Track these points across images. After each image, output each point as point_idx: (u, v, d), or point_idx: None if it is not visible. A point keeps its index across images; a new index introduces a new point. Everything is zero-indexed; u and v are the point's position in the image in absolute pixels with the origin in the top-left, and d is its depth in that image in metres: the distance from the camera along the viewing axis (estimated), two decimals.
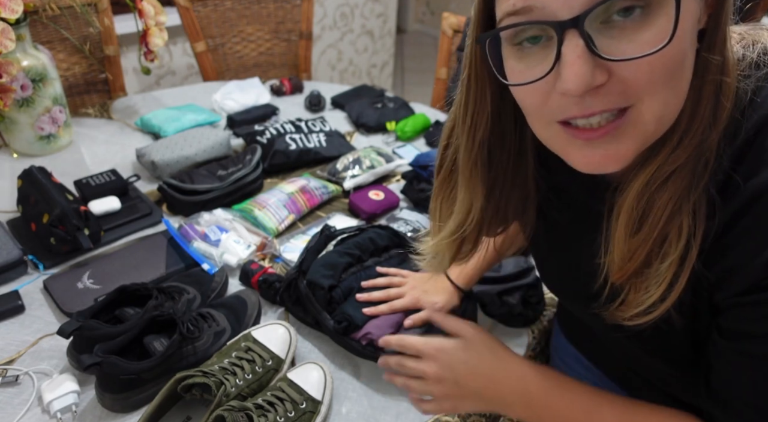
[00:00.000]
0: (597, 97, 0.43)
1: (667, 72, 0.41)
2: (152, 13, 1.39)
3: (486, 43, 0.47)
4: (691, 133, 0.45)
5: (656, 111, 0.43)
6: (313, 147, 1.35)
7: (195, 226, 1.07)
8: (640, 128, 0.44)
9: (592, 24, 0.41)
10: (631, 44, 0.41)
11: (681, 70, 0.43)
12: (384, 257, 0.95)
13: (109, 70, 1.68)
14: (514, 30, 0.45)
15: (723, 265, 0.46)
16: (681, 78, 0.43)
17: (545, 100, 0.46)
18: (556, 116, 0.46)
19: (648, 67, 0.41)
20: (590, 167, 0.47)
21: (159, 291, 0.85)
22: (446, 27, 1.75)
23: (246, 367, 0.74)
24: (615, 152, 0.45)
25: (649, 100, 0.43)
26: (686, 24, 0.41)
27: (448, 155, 0.61)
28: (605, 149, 0.45)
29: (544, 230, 0.67)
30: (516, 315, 0.92)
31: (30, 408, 0.75)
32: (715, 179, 0.45)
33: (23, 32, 1.18)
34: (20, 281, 0.96)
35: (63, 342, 0.79)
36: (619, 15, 0.40)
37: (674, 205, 0.45)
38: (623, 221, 0.48)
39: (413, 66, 4.32)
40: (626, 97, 0.43)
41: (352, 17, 3.13)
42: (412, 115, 1.55)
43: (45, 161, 1.29)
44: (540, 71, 0.44)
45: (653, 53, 0.40)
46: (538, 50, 0.44)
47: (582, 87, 0.41)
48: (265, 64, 2.05)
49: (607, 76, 0.42)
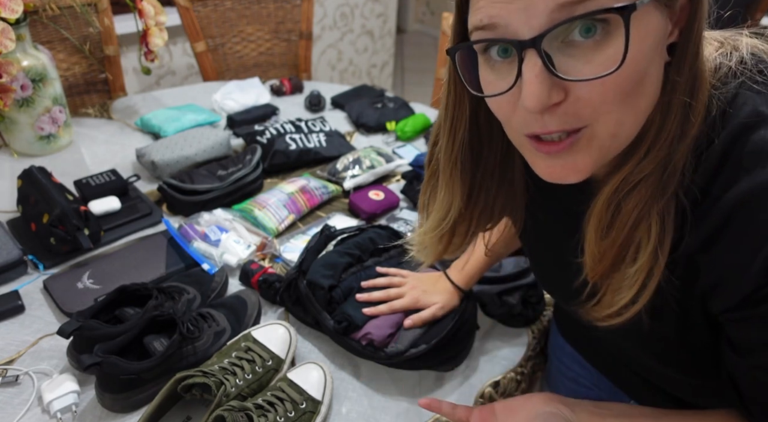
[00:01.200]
0: (554, 116, 0.44)
1: (621, 93, 0.42)
2: (152, 13, 1.39)
3: (455, 55, 0.48)
4: (657, 145, 0.46)
5: (610, 129, 0.45)
6: (313, 147, 1.35)
7: (195, 226, 1.07)
8: (595, 143, 0.46)
9: (552, 43, 0.42)
10: (587, 65, 0.42)
11: (638, 88, 0.43)
12: (384, 257, 0.95)
13: (109, 70, 1.68)
14: (483, 43, 0.46)
15: (712, 277, 0.47)
16: (639, 96, 0.44)
17: (513, 111, 0.47)
18: (522, 128, 0.48)
19: (601, 88, 0.42)
20: (553, 177, 0.49)
21: (159, 291, 0.85)
22: (446, 27, 1.75)
23: (246, 367, 0.74)
24: (573, 165, 0.47)
25: (603, 120, 0.44)
26: (644, 44, 0.42)
27: (435, 152, 0.63)
28: (565, 161, 0.47)
29: (533, 227, 0.69)
30: (516, 315, 0.92)
31: (30, 408, 0.75)
32: (688, 188, 0.46)
33: (23, 32, 1.18)
34: (20, 281, 0.96)
35: (63, 342, 0.79)
36: (579, 35, 0.41)
37: (640, 212, 0.47)
38: (593, 225, 0.50)
39: (413, 66, 4.32)
40: (580, 118, 0.44)
41: (352, 17, 3.13)
42: (412, 115, 1.55)
43: (45, 161, 1.29)
44: (506, 84, 0.45)
45: (607, 75, 0.41)
46: (508, 63, 0.45)
47: (539, 106, 0.42)
48: (265, 64, 2.05)
49: (564, 95, 0.43)
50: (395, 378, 0.83)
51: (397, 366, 0.81)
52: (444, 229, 0.64)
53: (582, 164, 0.47)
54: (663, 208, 0.46)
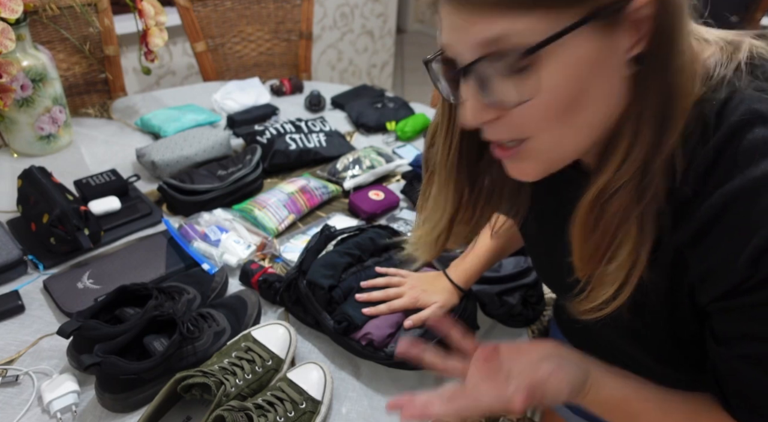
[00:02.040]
0: (495, 128, 0.49)
1: (553, 115, 0.46)
2: (152, 13, 1.39)
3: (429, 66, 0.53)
4: (632, 155, 0.47)
5: (550, 144, 0.49)
6: (313, 147, 1.35)
7: (195, 226, 1.07)
8: (538, 155, 0.50)
9: (487, 69, 0.45)
10: (512, 90, 0.45)
11: (574, 108, 0.45)
12: (384, 257, 0.95)
13: (109, 70, 1.68)
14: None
15: (701, 270, 0.48)
16: (575, 115, 0.46)
17: None
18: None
19: (531, 110, 0.46)
20: (514, 175, 0.54)
21: (159, 291, 0.85)
22: None
23: (246, 367, 0.74)
24: (524, 169, 0.53)
25: (542, 136, 0.48)
26: (571, 71, 0.43)
27: (431, 154, 0.65)
28: (516, 164, 0.53)
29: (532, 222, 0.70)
30: (516, 315, 0.92)
31: (30, 408, 0.75)
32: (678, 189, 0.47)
33: (23, 32, 1.18)
34: (20, 281, 0.96)
35: (63, 342, 0.79)
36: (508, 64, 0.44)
37: (621, 216, 0.49)
38: (578, 229, 0.52)
39: (413, 66, 4.32)
40: (521, 130, 0.48)
41: (352, 17, 3.13)
42: (412, 115, 1.55)
43: (45, 161, 1.29)
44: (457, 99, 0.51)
45: (526, 102, 0.45)
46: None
47: (473, 123, 0.49)
48: (265, 64, 2.05)
49: (498, 114, 0.48)
50: (395, 378, 0.83)
51: (397, 366, 0.81)
52: (438, 231, 0.66)
53: (531, 169, 0.52)
54: (642, 211, 0.48)
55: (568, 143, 0.49)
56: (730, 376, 0.51)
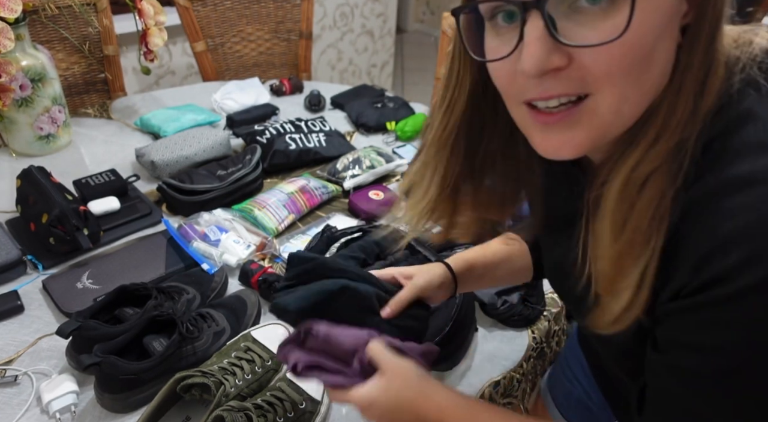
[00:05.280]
0: (556, 80, 0.43)
1: (628, 64, 0.41)
2: (152, 13, 1.39)
3: (459, 17, 0.47)
4: (668, 131, 0.43)
5: (613, 103, 0.43)
6: (313, 147, 1.34)
7: (195, 226, 1.07)
8: (595, 119, 0.44)
9: (558, 7, 0.41)
10: (592, 31, 0.40)
11: (645, 64, 0.42)
12: (389, 260, 0.95)
13: (108, 70, 1.68)
14: (489, 7, 0.45)
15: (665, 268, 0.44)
16: (645, 72, 0.42)
17: (512, 79, 0.46)
18: (520, 96, 0.46)
19: (607, 55, 0.41)
20: (548, 151, 0.47)
21: (159, 291, 0.85)
22: (446, 27, 1.75)
23: (245, 367, 0.74)
24: (570, 139, 0.45)
25: (607, 91, 0.42)
26: (653, 16, 0.40)
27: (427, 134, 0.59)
28: (561, 134, 0.45)
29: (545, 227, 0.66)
30: (516, 315, 0.92)
31: (29, 408, 0.74)
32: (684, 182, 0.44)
33: (22, 32, 1.18)
34: (19, 281, 0.96)
35: (62, 342, 0.79)
36: (586, 0, 0.40)
37: (657, 205, 0.44)
38: (608, 225, 0.46)
39: (413, 66, 4.32)
40: (584, 84, 0.43)
41: (352, 17, 3.13)
42: (412, 115, 1.55)
43: (44, 161, 1.28)
44: (508, 49, 0.44)
45: (609, 42, 0.40)
46: (512, 28, 0.44)
47: (537, 69, 0.41)
48: (264, 64, 2.04)
49: (567, 61, 0.42)
50: None
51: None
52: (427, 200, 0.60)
53: (578, 139, 0.45)
54: (672, 198, 0.43)
55: (629, 107, 0.44)
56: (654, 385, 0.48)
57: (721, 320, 0.40)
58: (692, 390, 0.44)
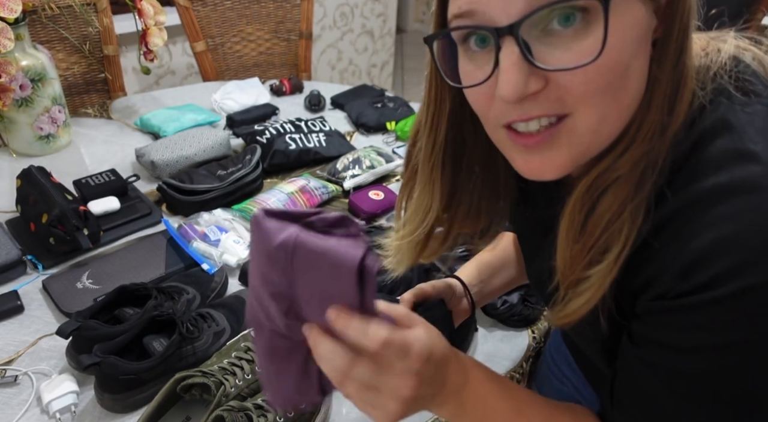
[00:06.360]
0: (535, 102, 0.43)
1: (605, 83, 0.41)
2: (152, 13, 1.39)
3: (433, 44, 0.47)
4: (636, 142, 0.44)
5: (591, 123, 0.43)
6: (313, 147, 1.34)
7: (195, 226, 1.07)
8: (575, 138, 0.44)
9: (531, 31, 0.41)
10: (567, 53, 0.41)
11: (622, 82, 0.42)
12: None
13: (108, 70, 1.68)
14: (462, 32, 0.45)
15: (645, 274, 0.46)
16: (622, 89, 0.43)
17: (489, 104, 0.46)
18: (500, 119, 0.46)
19: (584, 76, 0.41)
20: (531, 172, 0.47)
21: (158, 291, 0.85)
22: None
23: (246, 367, 0.74)
24: (551, 160, 0.45)
25: (586, 111, 0.43)
26: (626, 35, 0.41)
27: (414, 152, 0.61)
28: (542, 155, 0.46)
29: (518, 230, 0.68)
30: (516, 315, 0.92)
31: (29, 408, 0.74)
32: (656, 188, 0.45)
33: (22, 32, 1.18)
34: (19, 281, 0.96)
35: (62, 342, 0.79)
36: (558, 23, 0.40)
37: (614, 213, 0.45)
38: (565, 227, 0.48)
39: (413, 66, 4.33)
40: (563, 104, 0.43)
41: (352, 17, 3.13)
42: (412, 115, 1.55)
43: (44, 161, 1.28)
44: (483, 74, 0.44)
45: (586, 65, 0.40)
46: (486, 53, 0.44)
47: (515, 95, 0.41)
48: (264, 64, 2.04)
49: (544, 84, 0.42)
50: None
51: None
52: (421, 234, 0.61)
53: (560, 159, 0.45)
54: (635, 208, 0.45)
55: (607, 126, 0.44)
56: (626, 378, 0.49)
57: (704, 323, 0.42)
58: (666, 384, 0.46)
